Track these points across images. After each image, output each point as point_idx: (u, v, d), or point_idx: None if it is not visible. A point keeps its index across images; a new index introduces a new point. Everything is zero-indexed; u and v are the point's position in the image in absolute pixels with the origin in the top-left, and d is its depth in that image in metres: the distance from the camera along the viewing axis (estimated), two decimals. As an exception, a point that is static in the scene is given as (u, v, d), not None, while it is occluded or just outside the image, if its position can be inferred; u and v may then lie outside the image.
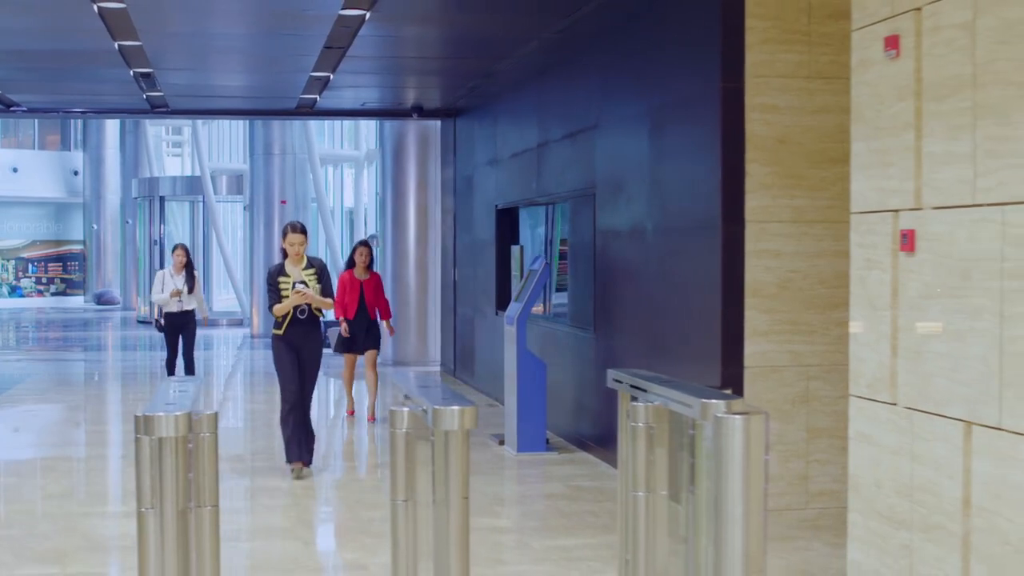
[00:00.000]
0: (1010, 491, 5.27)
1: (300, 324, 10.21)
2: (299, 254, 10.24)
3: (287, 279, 10.18)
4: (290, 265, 10.27)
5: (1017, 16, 5.19)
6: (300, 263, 10.29)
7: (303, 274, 10.22)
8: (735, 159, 8.22)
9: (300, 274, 10.22)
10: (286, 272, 10.24)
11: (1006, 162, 5.29)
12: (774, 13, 8.25)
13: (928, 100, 5.86)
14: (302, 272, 10.24)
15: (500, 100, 15.02)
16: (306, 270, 10.27)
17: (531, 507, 9.33)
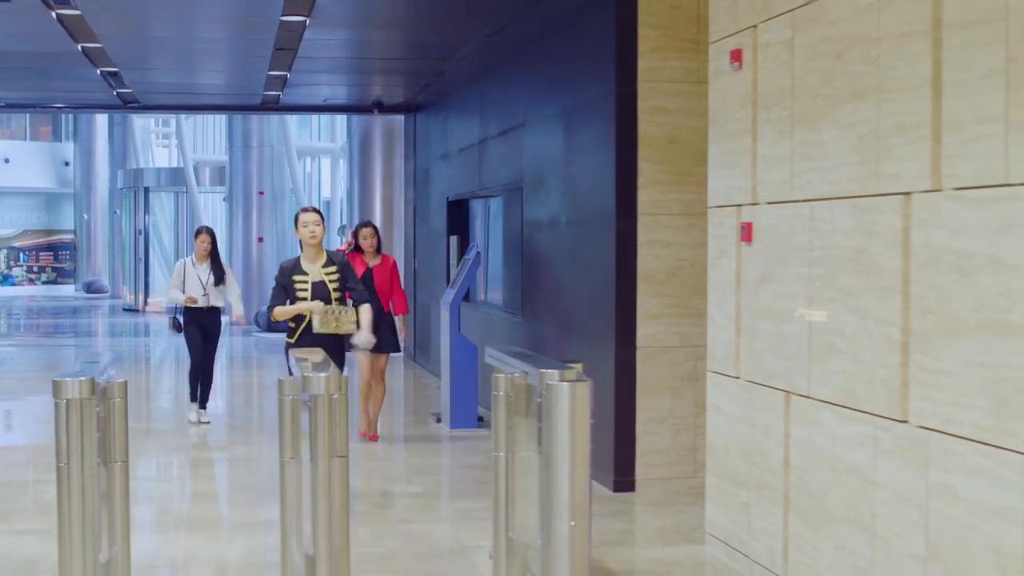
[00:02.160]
0: (816, 451, 6.04)
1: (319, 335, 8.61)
2: (316, 236, 8.74)
3: (304, 278, 8.73)
4: (307, 261, 8.80)
5: (823, 35, 5.94)
6: (319, 258, 8.82)
7: (323, 272, 8.77)
8: (629, 157, 8.97)
9: (320, 272, 8.76)
10: (303, 269, 8.77)
11: (813, 164, 6.05)
12: (665, 23, 9.00)
13: (761, 108, 6.62)
14: (322, 271, 8.77)
15: (450, 98, 15.78)
16: (326, 267, 8.81)
17: (447, 476, 10.11)
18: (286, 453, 6.35)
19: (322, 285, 8.75)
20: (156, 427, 12.78)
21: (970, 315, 4.76)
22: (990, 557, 4.66)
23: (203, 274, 12.43)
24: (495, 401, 6.50)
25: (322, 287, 8.76)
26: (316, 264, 8.79)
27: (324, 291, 8.76)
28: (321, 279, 8.74)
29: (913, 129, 5.14)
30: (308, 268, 8.78)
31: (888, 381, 5.34)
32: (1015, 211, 4.49)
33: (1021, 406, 4.47)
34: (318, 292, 8.74)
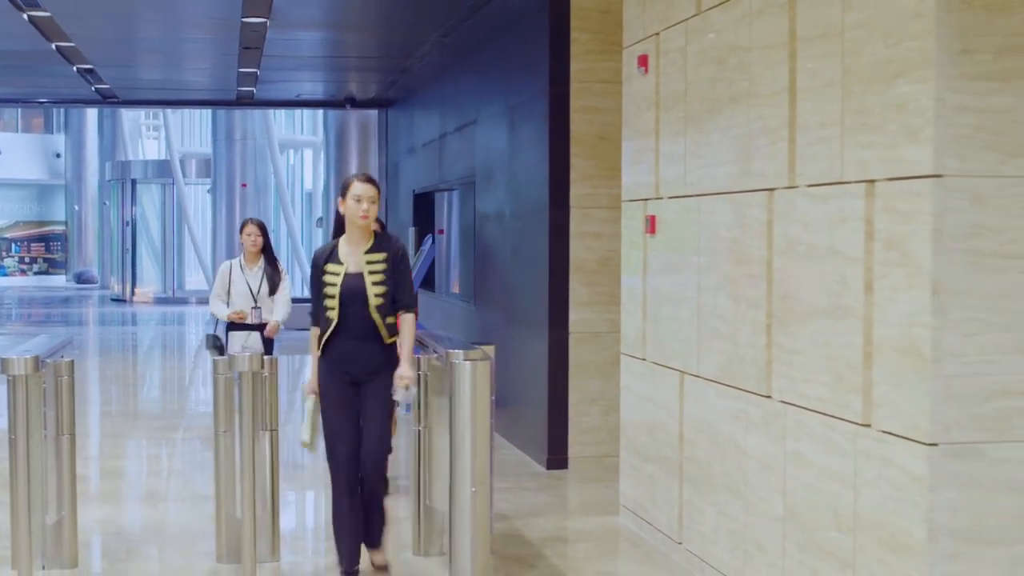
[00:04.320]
0: (703, 426, 6.58)
1: (356, 335, 6.35)
2: (368, 217, 6.30)
3: (336, 268, 6.36)
4: (348, 245, 6.40)
5: (709, 44, 6.48)
6: (366, 241, 6.41)
7: (364, 261, 6.36)
8: (562, 153, 9.51)
9: (360, 261, 6.36)
10: (338, 257, 6.40)
11: (701, 162, 6.59)
12: (596, 27, 9.53)
13: (663, 110, 7.16)
14: (363, 258, 6.36)
15: (416, 94, 16.32)
16: (372, 254, 6.38)
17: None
18: (220, 427, 6.90)
19: (356, 281, 6.31)
20: (124, 409, 13.34)
21: (815, 299, 5.31)
22: (830, 516, 5.20)
23: (254, 280, 9.48)
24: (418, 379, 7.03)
25: (356, 285, 6.31)
26: (358, 250, 6.36)
27: (357, 290, 6.31)
28: (358, 271, 6.32)
29: (775, 132, 5.68)
30: (346, 256, 6.37)
31: (756, 360, 5.88)
32: (848, 206, 5.03)
33: (853, 381, 5.01)
34: (349, 291, 6.31)
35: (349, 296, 6.33)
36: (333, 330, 6.36)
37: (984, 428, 4.51)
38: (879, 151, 4.81)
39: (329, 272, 6.40)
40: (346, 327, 6.35)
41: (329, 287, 6.37)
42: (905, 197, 4.63)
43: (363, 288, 6.34)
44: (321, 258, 6.48)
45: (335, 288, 6.36)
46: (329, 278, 6.38)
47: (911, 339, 4.59)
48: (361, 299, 6.33)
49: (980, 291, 4.49)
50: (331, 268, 6.41)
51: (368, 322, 6.35)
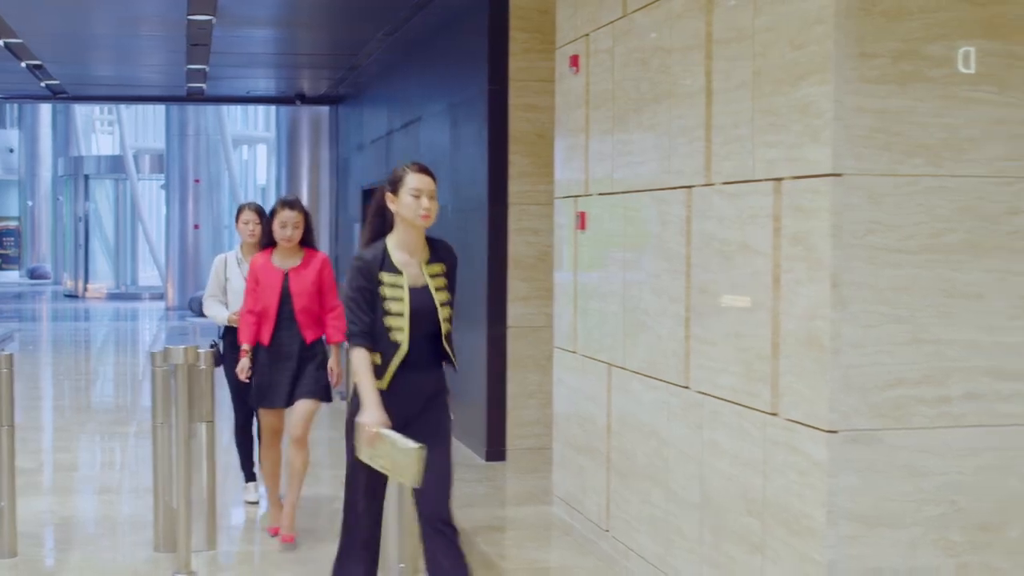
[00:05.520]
0: (628, 417, 6.76)
1: (421, 365, 5.27)
2: (430, 215, 5.16)
3: (397, 280, 5.16)
4: (403, 253, 5.21)
5: (634, 45, 6.66)
6: (424, 247, 5.29)
7: (426, 273, 5.25)
8: (500, 150, 9.69)
9: (423, 274, 5.23)
10: (395, 266, 5.18)
11: (627, 160, 6.77)
12: (534, 27, 9.71)
13: (592, 108, 7.34)
14: (425, 270, 5.25)
15: (365, 90, 16.47)
16: (431, 265, 5.28)
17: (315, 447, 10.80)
18: (157, 419, 7.04)
19: (424, 297, 5.21)
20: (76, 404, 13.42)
21: (728, 293, 5.50)
22: (742, 502, 5.40)
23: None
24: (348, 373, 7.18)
25: (425, 302, 5.21)
26: (415, 259, 5.23)
27: (427, 310, 5.22)
28: (424, 284, 5.21)
29: (692, 131, 5.87)
30: (404, 265, 5.19)
31: (677, 352, 6.07)
32: (758, 204, 5.22)
33: (762, 371, 5.20)
34: (418, 310, 5.19)
35: (418, 316, 5.17)
36: (403, 358, 5.16)
37: (881, 416, 4.71)
38: (785, 151, 5.00)
39: (388, 284, 5.14)
40: (412, 354, 5.18)
41: (392, 302, 5.13)
42: (808, 195, 4.83)
43: (433, 308, 5.21)
44: (374, 263, 5.15)
45: (402, 304, 5.14)
46: (389, 291, 5.13)
47: (813, 331, 4.78)
48: (430, 321, 5.20)
49: (877, 285, 4.69)
50: (389, 279, 5.15)
51: (436, 351, 5.27)
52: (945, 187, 4.74)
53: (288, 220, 7.27)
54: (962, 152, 4.75)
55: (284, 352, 7.29)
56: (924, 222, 4.73)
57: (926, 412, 4.76)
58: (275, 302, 7.27)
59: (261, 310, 7.29)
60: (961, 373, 4.79)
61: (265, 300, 7.28)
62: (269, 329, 7.28)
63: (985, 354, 4.81)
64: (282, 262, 7.34)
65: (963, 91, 4.74)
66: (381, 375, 5.17)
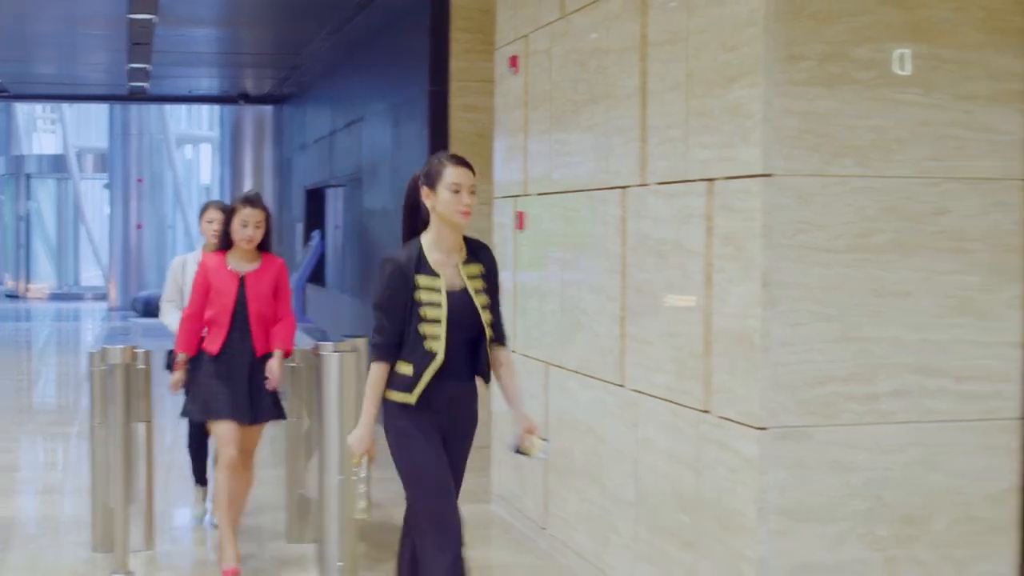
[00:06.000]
0: (566, 415, 6.82)
1: (457, 375, 4.91)
2: (470, 211, 4.84)
3: (434, 283, 4.82)
4: (439, 253, 4.87)
5: (571, 47, 6.72)
6: (460, 246, 4.96)
7: (464, 273, 4.91)
8: (441, 150, 9.70)
9: (460, 274, 4.90)
10: (431, 267, 4.84)
11: (565, 160, 6.83)
12: (476, 27, 9.74)
13: (531, 109, 7.39)
14: (462, 270, 4.91)
15: (308, 90, 16.47)
16: (468, 265, 4.94)
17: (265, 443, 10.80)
18: (95, 419, 7.02)
19: (463, 300, 4.86)
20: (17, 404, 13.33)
21: (663, 292, 5.56)
22: (675, 498, 5.46)
23: None
24: (291, 371, 7.21)
25: (463, 306, 4.86)
26: (452, 258, 4.90)
27: (466, 314, 4.87)
28: (463, 286, 4.88)
29: (628, 131, 5.93)
30: (439, 265, 4.86)
31: (612, 351, 6.13)
32: (691, 204, 5.29)
33: (695, 369, 5.27)
34: (456, 315, 4.84)
35: (456, 322, 4.80)
36: (438, 369, 4.78)
37: (810, 413, 4.78)
38: (717, 151, 5.07)
39: (424, 287, 4.76)
40: (448, 364, 4.79)
41: (427, 308, 4.74)
42: (739, 195, 4.90)
43: (473, 312, 4.85)
44: (409, 266, 4.78)
45: (439, 310, 4.76)
46: (426, 295, 4.75)
47: (744, 329, 4.85)
48: (469, 325, 4.83)
49: (806, 284, 4.76)
50: (425, 281, 4.78)
51: (472, 360, 4.92)
52: (873, 187, 4.82)
53: (250, 219, 6.64)
54: (889, 153, 4.83)
55: (235, 364, 6.62)
56: (852, 222, 4.81)
57: (854, 409, 4.83)
58: (229, 308, 6.62)
59: (212, 317, 6.64)
60: (889, 370, 4.88)
61: (218, 306, 6.62)
62: (220, 338, 6.62)
63: (912, 352, 4.89)
64: (238, 265, 6.69)
65: (890, 93, 4.82)
66: (412, 388, 4.76)
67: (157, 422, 7.51)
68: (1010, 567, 5.06)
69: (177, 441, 9.69)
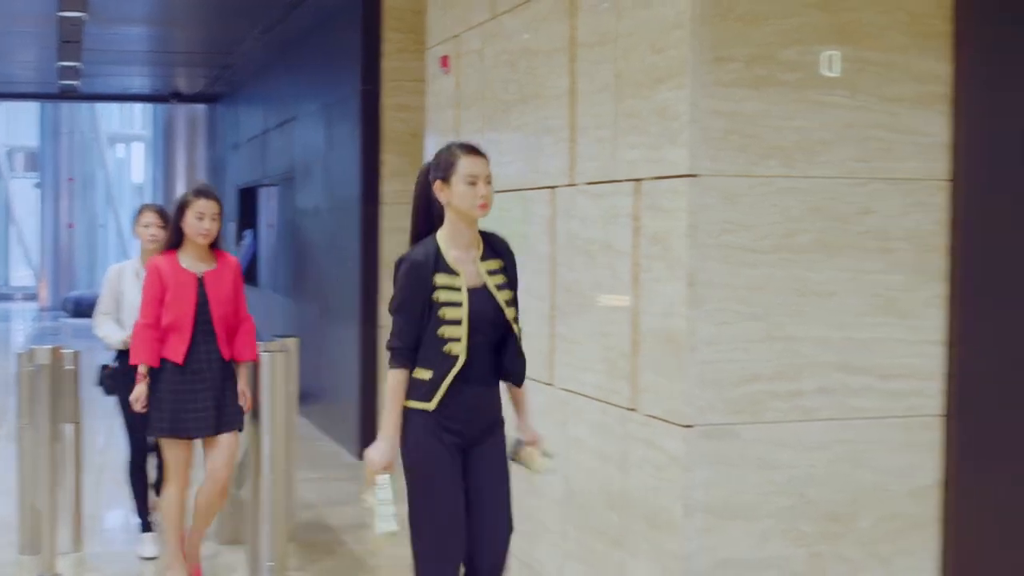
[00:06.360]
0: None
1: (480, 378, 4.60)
2: (488, 206, 4.61)
3: (454, 281, 4.55)
4: (457, 250, 4.60)
5: (502, 47, 6.74)
6: (477, 241, 4.69)
7: (483, 270, 4.65)
8: (373, 150, 9.72)
9: (480, 271, 4.63)
10: (449, 266, 4.56)
11: (496, 160, 6.77)
12: (408, 27, 9.75)
13: (463, 109, 7.40)
14: (481, 267, 4.64)
15: (241, 89, 16.40)
16: (487, 261, 4.68)
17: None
18: (23, 419, 6.97)
19: (484, 298, 4.60)
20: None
21: (591, 292, 5.60)
22: (604, 497, 5.50)
23: None
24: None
25: (486, 304, 4.60)
26: (470, 254, 4.64)
27: (488, 312, 4.61)
28: (483, 283, 4.62)
29: (558, 132, 5.96)
30: (458, 262, 4.59)
31: (542, 350, 6.15)
32: (619, 204, 5.32)
33: (623, 368, 5.30)
34: (479, 315, 4.58)
35: (478, 322, 4.53)
36: (458, 372, 4.49)
37: (736, 411, 4.83)
38: (645, 152, 5.10)
39: (443, 286, 4.48)
40: (470, 367, 4.51)
41: (447, 308, 4.46)
42: (666, 195, 4.93)
43: (496, 309, 4.58)
44: (426, 265, 4.48)
45: (459, 310, 4.48)
46: (445, 294, 4.47)
47: (670, 328, 4.89)
48: (492, 324, 4.56)
49: (732, 283, 4.80)
50: (444, 280, 4.49)
51: (494, 362, 4.62)
52: (798, 188, 4.87)
53: (206, 210, 6.13)
54: (815, 154, 4.89)
55: (203, 372, 6.16)
56: (778, 222, 4.86)
57: (780, 407, 4.89)
58: (191, 312, 6.10)
59: (171, 322, 6.08)
60: (813, 369, 4.93)
61: (178, 310, 6.08)
62: (184, 344, 6.09)
63: (836, 350, 4.95)
64: (194, 264, 6.20)
65: (816, 95, 4.88)
66: (431, 395, 4.45)
67: (88, 424, 7.45)
68: (934, 562, 5.13)
69: (111, 443, 9.62)
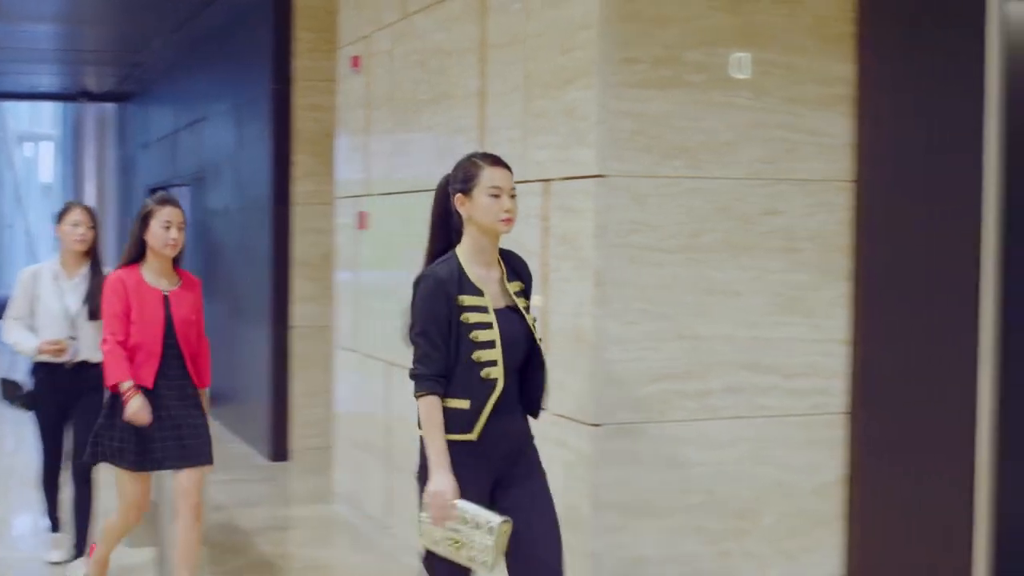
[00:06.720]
0: (406, 413, 6.81)
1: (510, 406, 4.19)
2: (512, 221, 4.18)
3: (480, 302, 4.12)
4: (479, 267, 4.18)
5: (413, 47, 6.74)
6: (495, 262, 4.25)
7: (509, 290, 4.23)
8: (284, 150, 9.66)
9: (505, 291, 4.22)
10: (474, 285, 4.13)
11: (407, 159, 6.84)
12: (320, 26, 9.70)
13: (373, 109, 7.39)
14: (507, 287, 4.23)
15: (151, 88, 16.23)
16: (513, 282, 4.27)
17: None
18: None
19: (513, 320, 4.20)
20: None
21: (501, 291, 5.61)
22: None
23: (74, 296, 6.44)
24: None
25: (515, 327, 4.20)
26: (493, 273, 4.24)
27: (518, 336, 4.20)
28: (509, 304, 4.23)
29: (468, 132, 5.97)
30: (483, 282, 4.18)
31: (452, 350, 6.15)
32: (529, 204, 5.33)
33: (533, 367, 5.32)
34: (509, 336, 4.16)
35: (509, 346, 4.14)
36: (497, 401, 4.11)
37: (644, 409, 4.87)
38: (554, 152, 5.13)
39: (470, 307, 4.10)
40: (503, 395, 4.12)
41: (480, 331, 4.09)
42: (575, 196, 4.96)
43: (526, 332, 4.20)
44: (451, 283, 4.09)
45: (491, 331, 4.11)
46: (474, 316, 4.09)
47: (579, 328, 4.92)
48: (521, 349, 4.18)
49: (640, 283, 4.84)
50: (470, 301, 4.11)
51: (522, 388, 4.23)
52: (704, 188, 4.93)
53: (173, 219, 5.55)
54: (720, 155, 4.94)
55: (172, 399, 5.61)
56: (684, 222, 4.91)
57: (687, 405, 4.93)
58: (160, 334, 5.53)
59: (137, 344, 5.49)
60: (720, 368, 4.99)
61: (146, 330, 5.50)
62: (153, 369, 5.52)
63: (743, 349, 5.01)
64: (158, 281, 5.59)
65: (721, 96, 4.94)
66: (471, 425, 4.07)
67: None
68: (838, 558, 5.21)
69: (20, 446, 9.50)
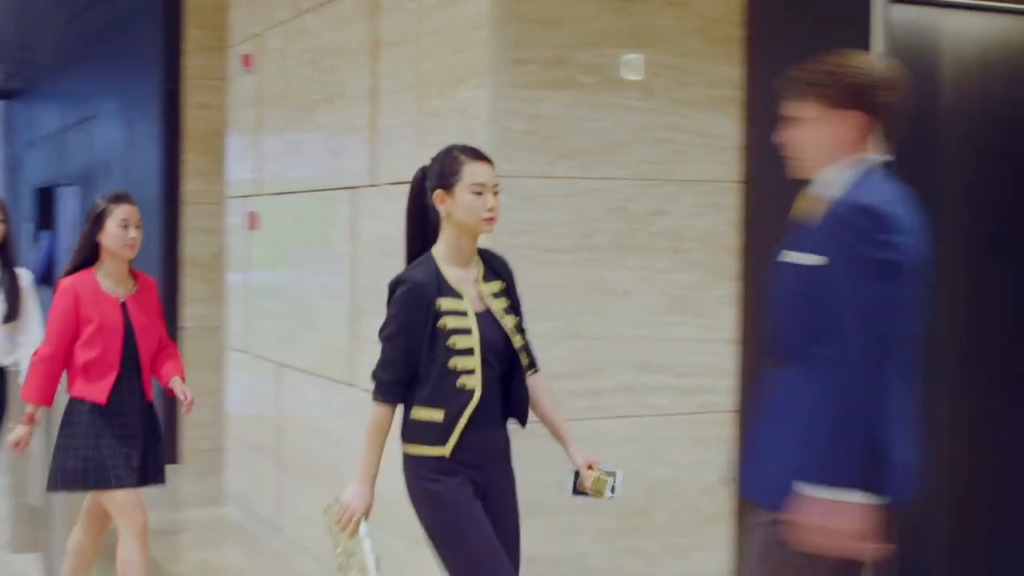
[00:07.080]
0: (297, 415, 6.79)
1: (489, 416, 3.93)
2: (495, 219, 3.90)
3: (459, 305, 3.85)
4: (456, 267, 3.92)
5: (305, 46, 6.70)
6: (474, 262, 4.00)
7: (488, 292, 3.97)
8: (174, 149, 9.54)
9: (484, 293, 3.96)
10: (452, 287, 3.87)
11: (298, 159, 6.80)
12: (210, 24, 9.59)
13: (266, 108, 7.34)
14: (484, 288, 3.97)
15: (38, 86, 15.96)
16: (488, 282, 4.00)
17: None
18: None
19: (491, 325, 3.94)
20: None
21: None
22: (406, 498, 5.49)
23: None
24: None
25: (494, 332, 3.93)
26: (470, 273, 3.99)
27: (497, 341, 3.94)
28: (485, 308, 3.95)
29: (360, 132, 5.95)
30: (460, 284, 3.93)
31: (343, 351, 6.13)
32: (421, 203, 5.33)
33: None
34: (488, 342, 3.90)
35: (488, 352, 3.88)
36: (473, 411, 3.84)
37: (535, 409, 4.87)
38: (446, 152, 5.12)
39: (447, 311, 3.82)
40: (481, 405, 3.85)
41: (457, 336, 3.81)
42: (467, 195, 4.96)
43: (503, 338, 3.93)
44: (428, 287, 3.81)
45: (471, 338, 3.83)
46: (452, 321, 3.82)
47: (471, 327, 4.91)
48: (500, 356, 3.92)
49: (533, 283, 4.85)
50: (449, 304, 3.83)
51: (503, 397, 3.98)
52: (595, 189, 4.96)
53: (131, 217, 5.30)
54: (611, 155, 4.98)
55: (127, 415, 5.25)
56: (576, 223, 4.93)
57: (578, 405, 4.96)
58: (118, 344, 5.18)
59: (95, 357, 5.15)
60: (612, 367, 5.02)
61: (105, 342, 5.14)
62: (109, 382, 5.15)
63: (634, 349, 5.05)
64: (115, 286, 5.25)
65: (612, 97, 4.97)
66: (445, 438, 3.83)
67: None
68: (726, 554, 5.26)
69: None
